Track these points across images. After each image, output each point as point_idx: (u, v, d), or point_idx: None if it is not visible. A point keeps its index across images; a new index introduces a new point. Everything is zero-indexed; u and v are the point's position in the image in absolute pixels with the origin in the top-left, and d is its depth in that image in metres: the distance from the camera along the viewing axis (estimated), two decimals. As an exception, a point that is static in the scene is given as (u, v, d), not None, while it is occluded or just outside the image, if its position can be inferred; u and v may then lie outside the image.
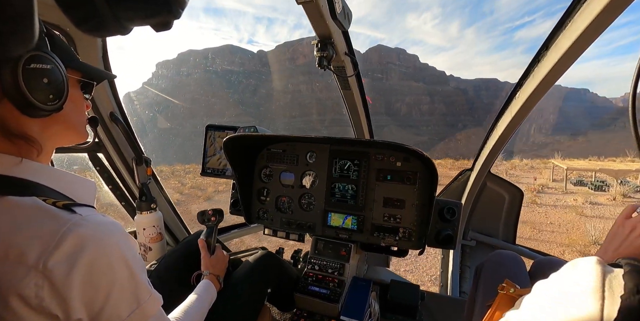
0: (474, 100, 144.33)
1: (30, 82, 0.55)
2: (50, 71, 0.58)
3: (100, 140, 1.73)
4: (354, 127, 2.30)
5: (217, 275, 1.28)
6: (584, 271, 0.51)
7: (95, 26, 0.29)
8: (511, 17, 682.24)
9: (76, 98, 0.72)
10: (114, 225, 0.61)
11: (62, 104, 0.63)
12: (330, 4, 1.28)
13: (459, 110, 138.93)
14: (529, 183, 13.64)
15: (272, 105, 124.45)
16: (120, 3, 0.28)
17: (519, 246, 2.36)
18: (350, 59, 1.71)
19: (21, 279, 0.50)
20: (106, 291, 0.57)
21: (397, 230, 1.52)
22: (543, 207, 10.01)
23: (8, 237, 0.52)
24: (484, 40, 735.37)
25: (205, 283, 1.19)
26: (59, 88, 0.61)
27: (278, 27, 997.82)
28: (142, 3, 0.29)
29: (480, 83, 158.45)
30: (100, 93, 1.60)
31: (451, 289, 2.48)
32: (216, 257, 1.35)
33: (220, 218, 1.47)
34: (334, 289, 1.51)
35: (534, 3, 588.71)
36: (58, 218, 0.55)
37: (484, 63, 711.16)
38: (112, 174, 1.87)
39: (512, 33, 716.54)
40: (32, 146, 0.63)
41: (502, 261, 1.38)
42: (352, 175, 1.60)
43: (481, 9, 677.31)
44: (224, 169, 1.84)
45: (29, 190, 0.59)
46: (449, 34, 75.73)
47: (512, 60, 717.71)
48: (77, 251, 0.53)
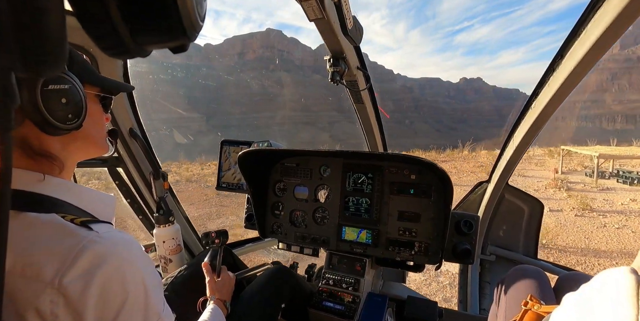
0: (419, 98, 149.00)
1: (48, 103, 0.56)
2: (68, 91, 0.60)
3: (120, 155, 1.79)
4: (367, 140, 2.30)
5: (224, 300, 1.23)
6: (617, 281, 0.48)
7: (120, 52, 0.32)
8: (452, 22, 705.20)
9: (95, 113, 0.74)
10: (130, 242, 0.62)
11: (82, 122, 0.64)
12: (342, 20, 1.30)
13: (406, 108, 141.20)
14: (534, 176, 11.72)
15: (223, 101, 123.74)
16: (141, 33, 0.31)
17: (541, 261, 2.27)
18: (362, 73, 1.73)
19: (38, 296, 0.51)
20: (119, 307, 0.56)
21: (413, 244, 1.49)
22: (602, 214, 7.51)
23: (26, 253, 0.53)
24: (428, 42, 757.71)
25: (213, 309, 1.14)
26: (78, 107, 0.62)
27: (226, 21, 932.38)
28: (162, 32, 0.32)
29: (425, 82, 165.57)
30: (120, 109, 1.66)
31: (470, 306, 2.39)
32: (222, 281, 1.30)
33: (225, 239, 1.44)
34: (348, 305, 1.48)
35: (472, 10, 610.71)
36: (75, 235, 0.56)
37: (428, 64, 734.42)
38: (131, 188, 1.92)
39: (453, 37, 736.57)
40: (54, 163, 0.65)
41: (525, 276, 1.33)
42: (366, 189, 1.59)
43: (425, 13, 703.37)
44: (239, 183, 1.87)
45: (49, 206, 0.60)
46: (396, 35, 78.05)
47: (452, 61, 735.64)
48: (92, 269, 0.54)
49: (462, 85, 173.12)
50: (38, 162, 0.63)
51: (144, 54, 0.33)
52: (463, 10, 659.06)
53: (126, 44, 0.31)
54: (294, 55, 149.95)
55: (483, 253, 2.41)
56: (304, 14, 1.19)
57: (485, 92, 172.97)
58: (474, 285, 2.43)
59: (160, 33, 0.32)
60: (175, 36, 0.32)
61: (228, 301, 1.25)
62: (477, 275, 2.45)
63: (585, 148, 12.82)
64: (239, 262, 1.73)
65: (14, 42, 0.26)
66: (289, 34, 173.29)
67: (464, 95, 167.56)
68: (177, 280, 1.41)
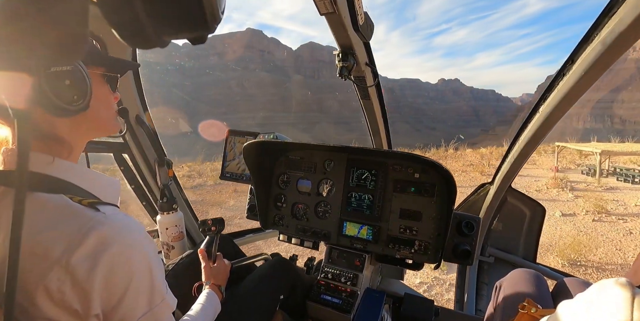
0: (400, 99, 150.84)
1: (53, 85, 0.56)
2: (71, 72, 0.60)
3: (126, 142, 1.80)
4: (372, 137, 2.30)
5: (219, 285, 1.25)
6: (612, 293, 0.49)
7: (139, 41, 0.32)
8: (431, 24, 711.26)
9: (102, 93, 0.74)
10: (136, 225, 0.63)
11: (88, 103, 0.64)
12: (353, 15, 1.29)
13: (387, 108, 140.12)
14: (530, 175, 11.05)
15: (202, 100, 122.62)
16: (162, 22, 0.31)
17: (540, 265, 2.27)
18: (370, 69, 1.72)
19: (46, 274, 0.52)
20: (124, 289, 0.58)
21: (413, 242, 1.49)
22: (622, 218, 6.78)
23: (35, 232, 0.54)
24: (408, 44, 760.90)
25: (208, 293, 1.16)
26: (82, 87, 0.62)
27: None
28: (183, 22, 0.31)
29: (405, 83, 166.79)
30: (127, 96, 1.66)
31: (467, 306, 2.40)
32: (217, 267, 1.32)
33: (221, 227, 1.47)
34: (346, 299, 1.49)
35: (450, 13, 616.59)
36: (83, 216, 0.57)
37: (409, 65, 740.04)
38: (135, 174, 1.93)
39: (432, 38, 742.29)
40: (62, 146, 0.67)
41: (524, 279, 1.34)
42: (369, 185, 1.60)
43: (405, 15, 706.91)
44: (242, 174, 1.87)
45: (59, 187, 0.62)
46: (377, 36, 79.54)
47: (432, 63, 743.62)
48: (99, 249, 0.55)
49: (440, 86, 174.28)
50: (47, 144, 0.64)
51: (163, 44, 0.33)
52: (441, 13, 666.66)
53: (147, 33, 0.30)
54: (275, 56, 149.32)
55: (482, 254, 2.41)
56: (279, 13, 1.18)
57: (463, 92, 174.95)
58: (472, 286, 2.44)
59: (181, 23, 0.32)
60: (196, 27, 0.32)
61: (223, 286, 1.27)
62: (475, 275, 2.46)
63: (582, 145, 12.25)
64: (239, 251, 1.75)
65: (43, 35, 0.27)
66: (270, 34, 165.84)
67: (442, 95, 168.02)
68: (178, 266, 1.43)
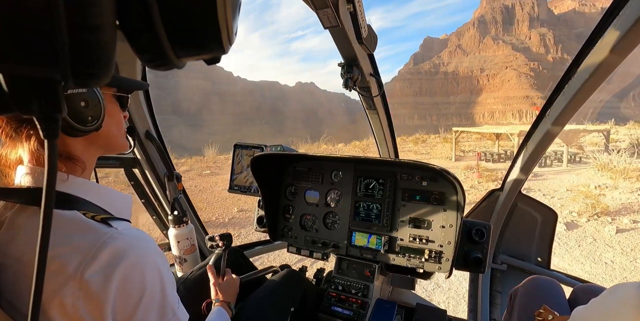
0: (260, 100, 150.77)
1: (69, 106, 0.58)
2: (86, 94, 0.62)
3: (136, 157, 1.83)
4: (379, 146, 2.31)
5: (228, 302, 1.23)
6: (624, 296, 0.49)
7: (160, 64, 0.34)
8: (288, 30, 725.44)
9: (113, 112, 0.76)
10: (148, 240, 0.65)
11: (101, 123, 0.67)
12: (357, 28, 1.32)
13: (248, 110, 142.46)
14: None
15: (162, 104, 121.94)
16: (182, 46, 0.32)
17: (555, 272, 2.23)
18: (375, 80, 1.74)
19: (61, 288, 0.54)
20: (137, 302, 0.59)
21: (423, 251, 1.48)
22: None
23: (50, 248, 0.56)
24: (268, 47, 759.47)
25: (218, 310, 1.15)
26: (96, 108, 0.65)
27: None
28: (202, 45, 0.33)
29: (265, 85, 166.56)
30: (137, 112, 1.70)
31: (481, 316, 2.35)
32: (226, 283, 1.31)
33: (229, 243, 1.47)
34: (357, 310, 1.48)
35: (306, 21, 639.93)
36: (96, 232, 0.59)
37: (270, 67, 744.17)
38: (146, 189, 1.96)
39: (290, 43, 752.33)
40: (76, 164, 0.69)
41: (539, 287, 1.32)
42: (377, 195, 1.60)
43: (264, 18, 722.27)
44: (250, 186, 1.89)
45: (72, 204, 0.64)
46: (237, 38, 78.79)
47: (290, 66, 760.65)
48: (113, 263, 0.56)
49: (297, 88, 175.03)
50: (62, 162, 0.67)
51: (181, 65, 0.35)
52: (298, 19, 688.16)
53: (168, 56, 0.32)
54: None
55: (494, 262, 2.37)
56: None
57: (318, 96, 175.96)
58: (485, 295, 2.39)
59: (200, 46, 0.34)
60: (213, 49, 0.34)
61: (232, 303, 1.25)
62: (488, 284, 2.42)
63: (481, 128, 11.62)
64: (249, 264, 1.74)
65: (67, 57, 0.29)
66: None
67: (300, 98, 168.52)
68: (190, 280, 1.43)
